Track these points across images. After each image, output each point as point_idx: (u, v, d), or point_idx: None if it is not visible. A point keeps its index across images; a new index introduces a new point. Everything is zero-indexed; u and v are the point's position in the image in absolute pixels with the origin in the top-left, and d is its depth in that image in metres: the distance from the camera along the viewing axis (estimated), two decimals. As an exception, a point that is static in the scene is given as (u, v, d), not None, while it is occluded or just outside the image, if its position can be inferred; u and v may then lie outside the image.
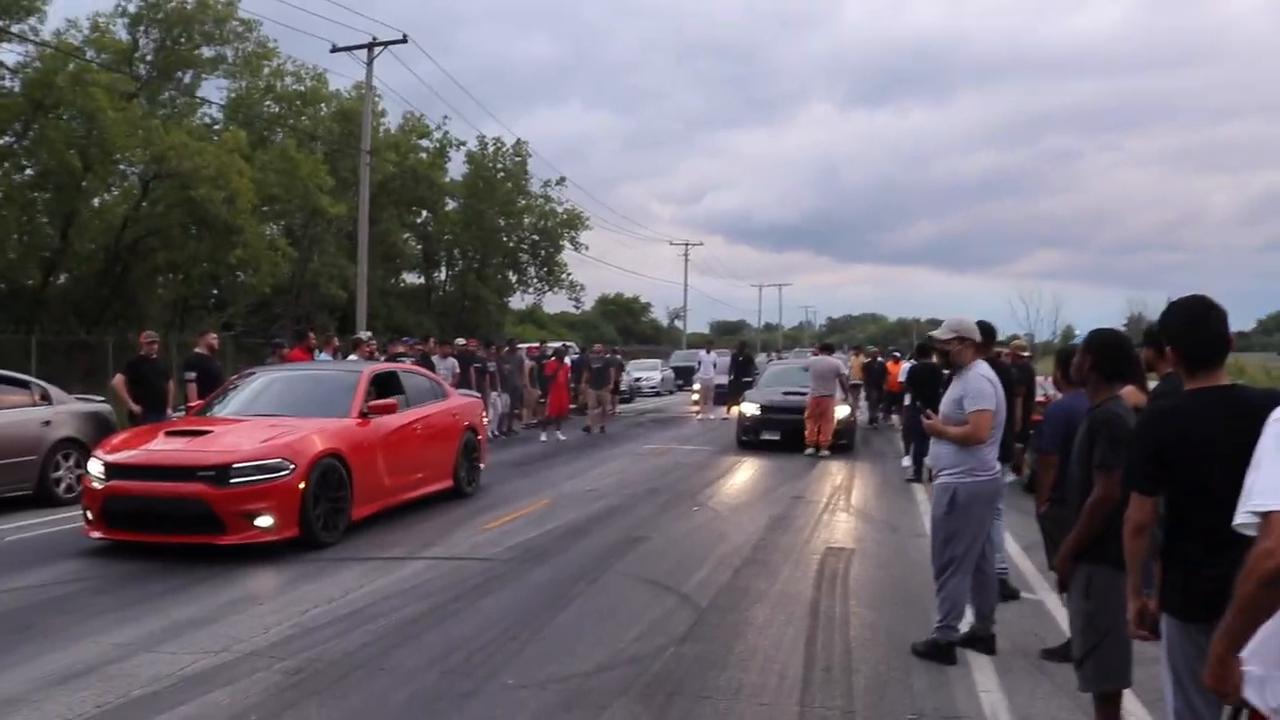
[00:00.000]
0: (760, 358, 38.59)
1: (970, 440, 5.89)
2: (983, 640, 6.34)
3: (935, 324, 6.71)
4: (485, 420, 19.44)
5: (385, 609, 7.17)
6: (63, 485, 11.53)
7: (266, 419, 9.87)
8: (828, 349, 20.04)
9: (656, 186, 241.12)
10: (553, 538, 9.93)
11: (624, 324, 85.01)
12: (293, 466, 8.89)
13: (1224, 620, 2.42)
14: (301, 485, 8.91)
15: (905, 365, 19.88)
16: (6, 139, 25.76)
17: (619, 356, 28.26)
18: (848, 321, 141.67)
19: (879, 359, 25.01)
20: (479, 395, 15.54)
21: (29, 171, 26.83)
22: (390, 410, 10.57)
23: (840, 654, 6.30)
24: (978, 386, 5.90)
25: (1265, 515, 2.28)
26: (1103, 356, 4.40)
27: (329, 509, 9.33)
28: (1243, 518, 2.38)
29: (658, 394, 38.88)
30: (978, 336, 6.16)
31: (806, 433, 17.69)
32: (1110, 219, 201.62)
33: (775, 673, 5.89)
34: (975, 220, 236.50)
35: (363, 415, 10.26)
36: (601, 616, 7.11)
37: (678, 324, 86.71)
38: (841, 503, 12.45)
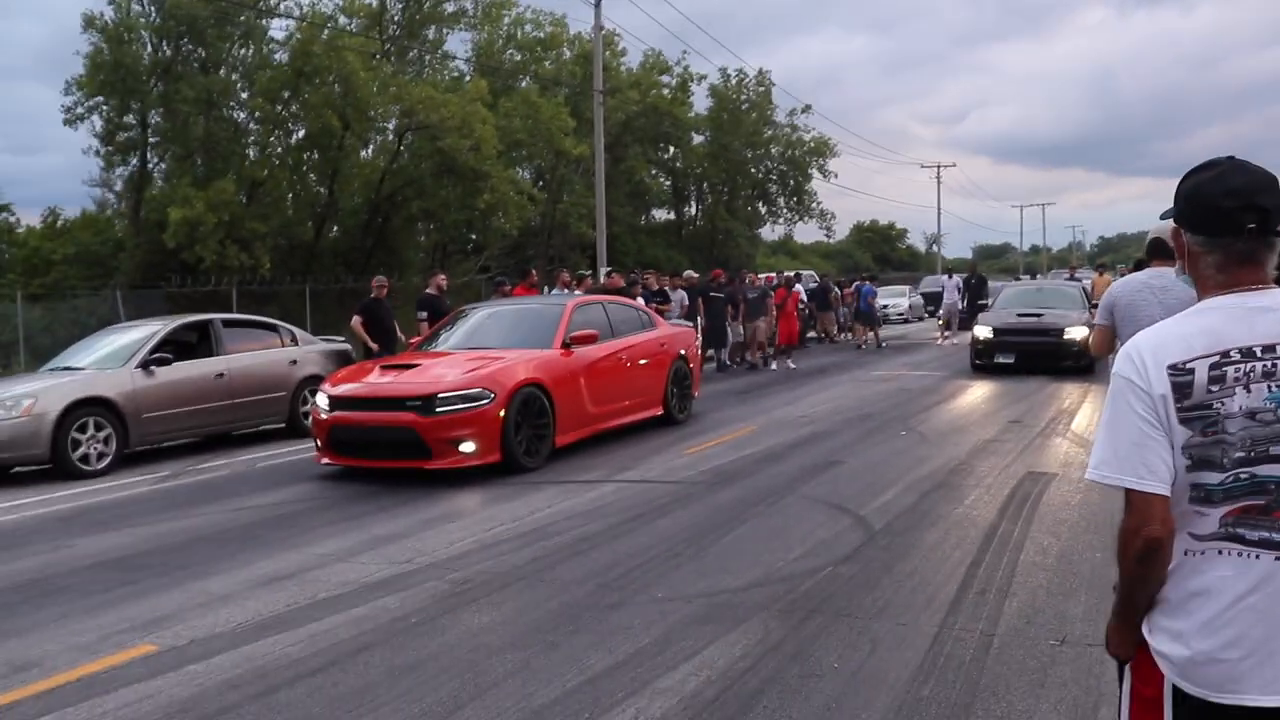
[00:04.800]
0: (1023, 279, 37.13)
1: (1091, 350, 5.67)
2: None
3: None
4: (718, 350, 19.77)
5: (565, 528, 7.55)
6: (309, 419, 12.65)
7: (475, 352, 10.48)
8: (1101, 269, 19.78)
9: (918, 109, 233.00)
10: (748, 462, 10.07)
11: (880, 251, 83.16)
12: (493, 395, 9.43)
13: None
14: (502, 413, 9.44)
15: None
16: (277, 108, 27.98)
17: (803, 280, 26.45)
18: (1121, 240, 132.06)
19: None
20: (692, 325, 15.69)
21: (298, 135, 29.11)
22: (592, 340, 10.94)
23: (1002, 578, 6.12)
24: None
25: (1125, 491, 2.14)
26: None
27: (531, 435, 9.84)
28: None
29: (905, 321, 38.06)
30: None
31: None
32: None
33: (926, 594, 5.82)
34: (1273, 123, 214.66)
35: (565, 346, 10.69)
36: (770, 536, 7.20)
37: (936, 249, 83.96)
38: (1061, 427, 11.90)
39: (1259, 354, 2.06)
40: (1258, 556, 2.05)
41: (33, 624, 5.76)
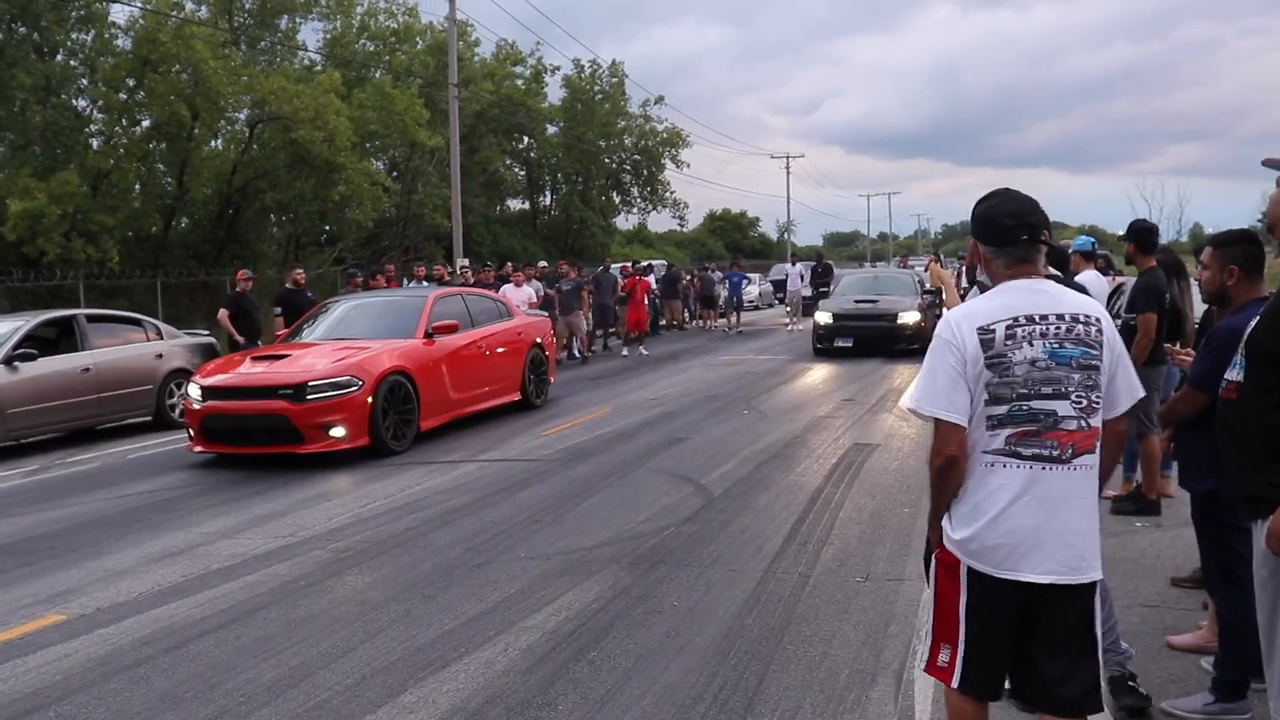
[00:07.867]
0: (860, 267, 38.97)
1: None
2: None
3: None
4: (573, 340, 20.51)
5: (433, 502, 8.25)
6: (176, 410, 12.92)
7: (341, 342, 11.02)
8: (935, 258, 21.17)
9: (772, 99, 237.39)
10: (601, 441, 10.89)
11: (732, 240, 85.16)
12: (361, 383, 10.01)
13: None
14: (370, 399, 10.03)
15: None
16: (121, 96, 27.46)
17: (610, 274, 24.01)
18: (964, 228, 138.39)
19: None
20: (548, 315, 16.40)
21: (144, 124, 28.57)
22: (453, 330, 11.60)
23: (821, 531, 7.10)
24: None
25: (935, 420, 3.02)
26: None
27: (397, 420, 10.46)
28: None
29: (755, 307, 39.48)
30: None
31: None
32: (1253, 110, 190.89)
33: (755, 546, 6.74)
34: (1101, 119, 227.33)
35: (428, 335, 11.32)
36: (621, 504, 8.04)
37: (787, 237, 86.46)
38: (889, 404, 13.10)
39: (1037, 320, 2.97)
40: (1030, 467, 2.94)
41: (-63, 601, 6.17)
